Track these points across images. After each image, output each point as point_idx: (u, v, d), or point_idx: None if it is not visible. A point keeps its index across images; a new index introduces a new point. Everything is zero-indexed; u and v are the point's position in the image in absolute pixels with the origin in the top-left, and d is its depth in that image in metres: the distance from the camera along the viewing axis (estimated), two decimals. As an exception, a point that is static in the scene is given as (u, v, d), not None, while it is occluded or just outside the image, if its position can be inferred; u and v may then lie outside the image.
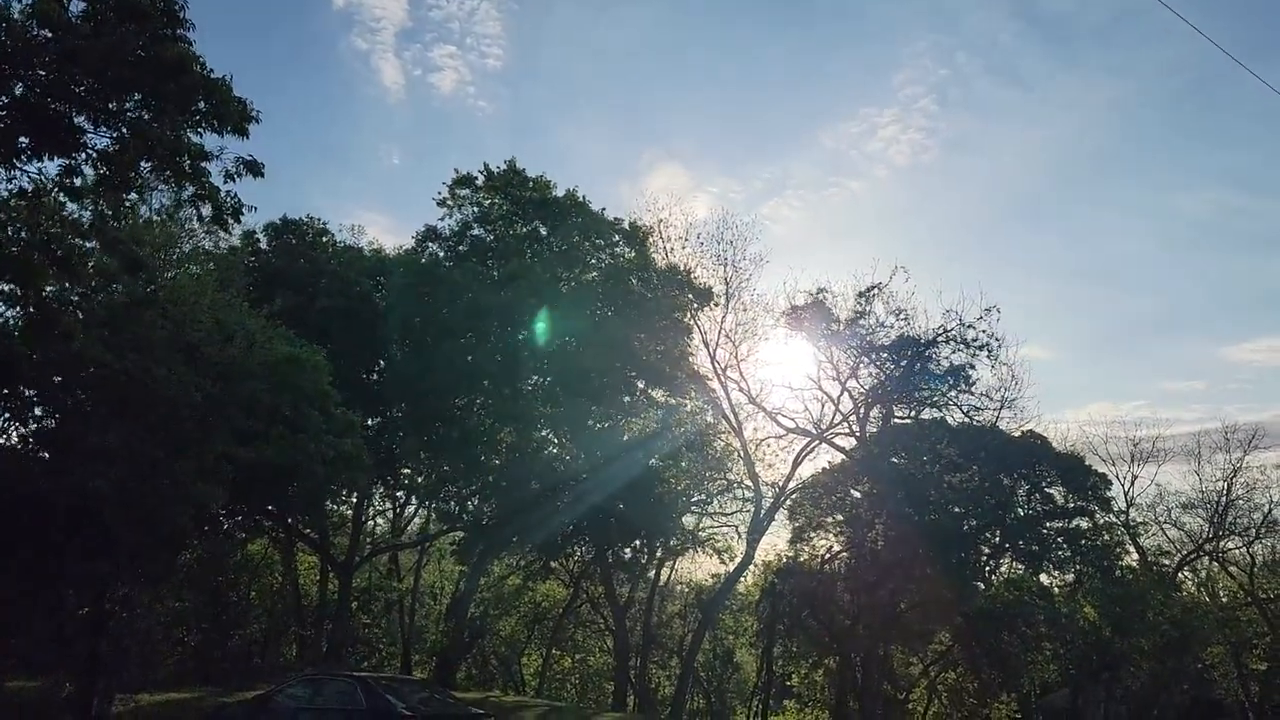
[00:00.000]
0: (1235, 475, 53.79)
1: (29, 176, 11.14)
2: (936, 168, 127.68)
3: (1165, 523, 54.95)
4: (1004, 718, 51.28)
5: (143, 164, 11.15)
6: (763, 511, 36.39)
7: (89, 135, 11.03)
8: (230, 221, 12.31)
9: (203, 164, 11.70)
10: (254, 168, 12.12)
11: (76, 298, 13.06)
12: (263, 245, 30.23)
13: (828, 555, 39.04)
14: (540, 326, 27.87)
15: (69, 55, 10.05)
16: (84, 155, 11.13)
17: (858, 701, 40.13)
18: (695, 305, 31.63)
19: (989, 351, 35.62)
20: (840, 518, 41.56)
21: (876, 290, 35.98)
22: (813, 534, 42.24)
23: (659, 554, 31.32)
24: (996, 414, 39.24)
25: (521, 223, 31.70)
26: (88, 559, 17.05)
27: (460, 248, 31.96)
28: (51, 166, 11.47)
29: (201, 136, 11.83)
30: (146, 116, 11.09)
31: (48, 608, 17.81)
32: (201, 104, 11.45)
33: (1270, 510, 53.19)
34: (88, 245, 12.02)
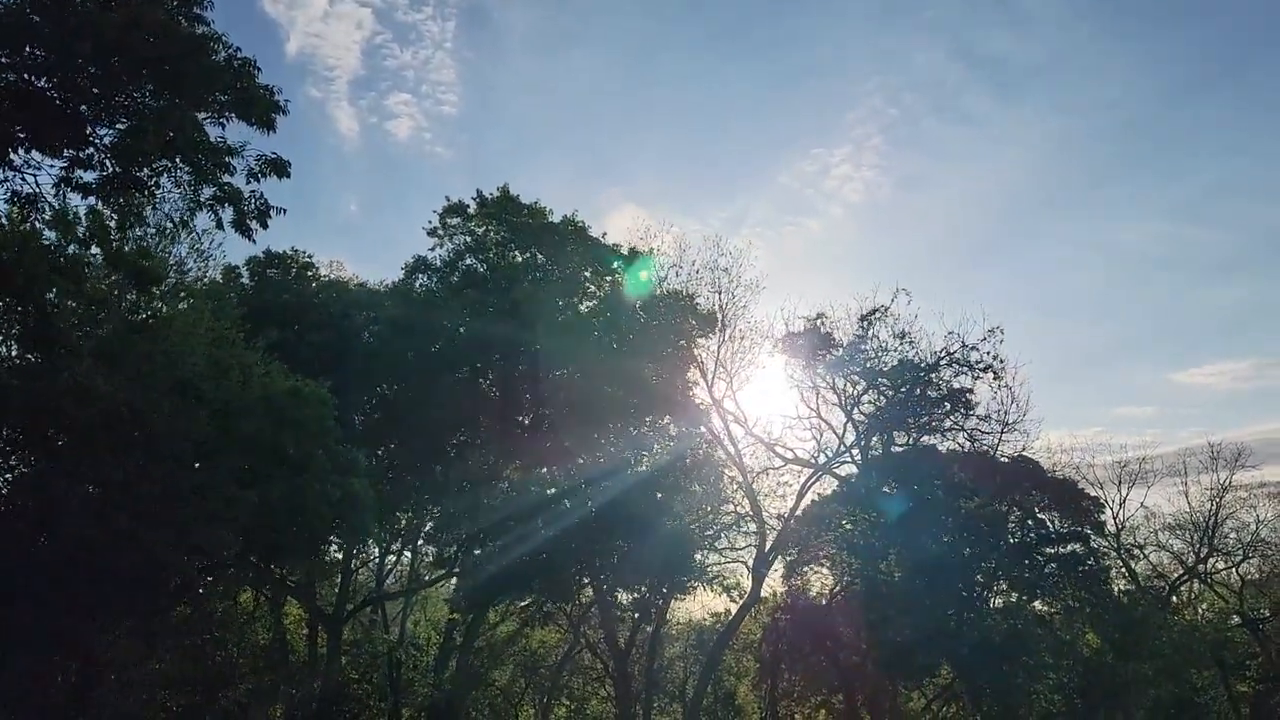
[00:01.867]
0: (1224, 495, 53.69)
1: (23, 177, 9.75)
2: (890, 205, 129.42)
3: (1153, 546, 54.69)
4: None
5: (155, 161, 9.74)
6: (768, 546, 35.17)
7: (96, 128, 9.60)
8: (255, 228, 10.93)
9: (228, 159, 10.29)
10: (279, 167, 10.82)
11: (76, 319, 11.44)
12: (245, 280, 28.63)
13: (837, 589, 37.80)
14: (543, 358, 26.57)
15: (75, 31, 8.68)
16: (90, 150, 9.71)
17: (867, 741, 38.74)
18: (698, 332, 30.56)
19: (993, 373, 34.97)
20: (833, 550, 40.39)
21: (879, 313, 35.28)
22: (806, 568, 41.01)
23: (668, 593, 29.81)
24: (999, 438, 38.60)
25: (518, 251, 30.48)
26: (78, 617, 15.31)
27: (452, 279, 30.61)
28: (51, 169, 10.14)
29: (224, 128, 10.50)
30: (160, 105, 9.70)
31: (31, 675, 15.95)
32: (221, 93, 10.09)
33: (1258, 529, 53.11)
34: (90, 254, 10.55)
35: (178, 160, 10.10)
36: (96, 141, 9.77)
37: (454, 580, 33.64)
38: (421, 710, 37.17)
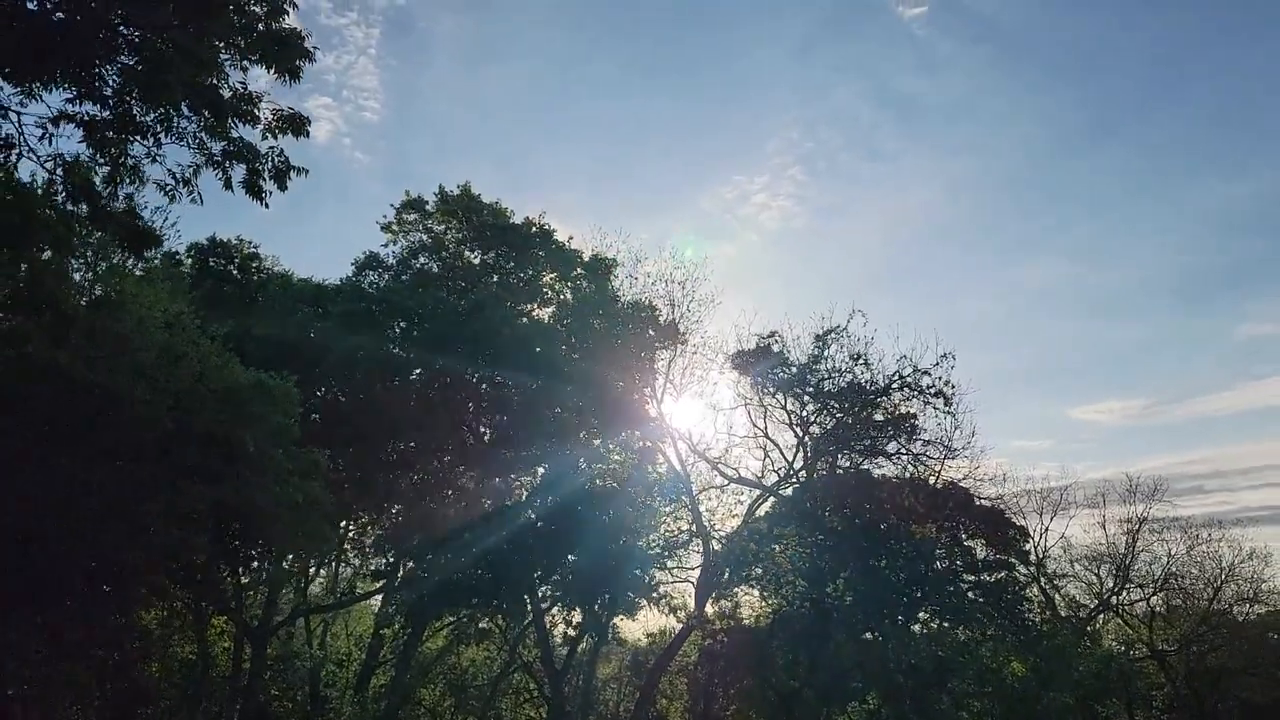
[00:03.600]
0: (1140, 527, 55.42)
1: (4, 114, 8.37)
2: (805, 233, 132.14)
3: (1068, 576, 56.13)
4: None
5: (171, 103, 8.51)
6: (712, 567, 34.61)
7: (103, 59, 8.29)
8: (268, 190, 9.73)
9: (250, 107, 9.09)
10: (297, 124, 9.65)
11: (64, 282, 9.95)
12: (185, 267, 26.78)
13: (777, 612, 37.38)
14: (503, 363, 25.47)
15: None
16: (93, 81, 8.37)
17: (802, 768, 38.29)
18: (659, 344, 29.88)
19: (944, 399, 35.17)
20: (774, 572, 40.08)
21: (835, 333, 35.16)
22: (736, 590, 40.55)
23: (619, 612, 28.87)
24: (942, 463, 38.88)
25: (478, 251, 29.35)
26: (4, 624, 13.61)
27: (403, 277, 29.32)
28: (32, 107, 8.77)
29: (246, 72, 9.30)
30: (179, 36, 8.46)
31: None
32: (246, 31, 8.86)
33: (1169, 563, 54.99)
34: (75, 209, 9.16)
35: (193, 105, 8.83)
36: (101, 73, 8.47)
37: (382, 594, 32.11)
38: (342, 730, 35.33)
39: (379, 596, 33.23)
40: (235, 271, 28.52)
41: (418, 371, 25.52)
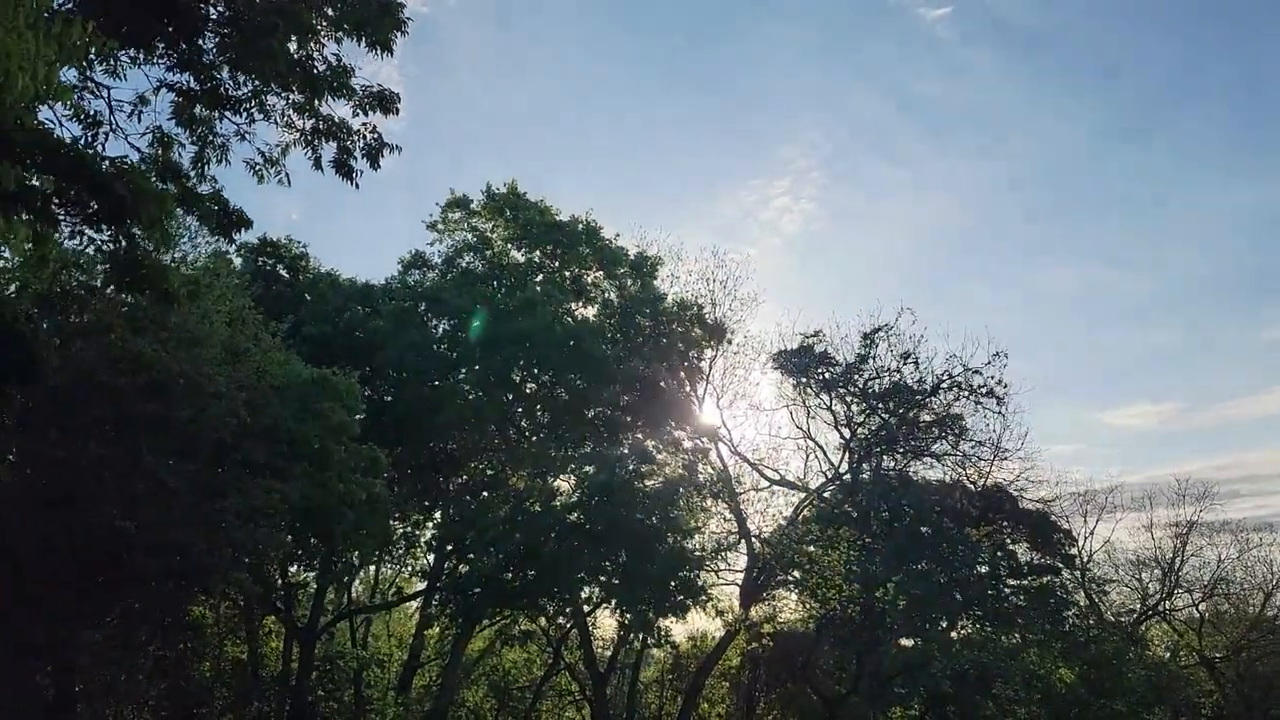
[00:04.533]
0: (1190, 531, 54.26)
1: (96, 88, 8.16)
2: (827, 237, 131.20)
3: (1114, 581, 55.07)
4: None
5: (269, 76, 8.25)
6: (756, 569, 34.28)
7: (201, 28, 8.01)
8: (359, 169, 9.47)
9: (346, 82, 8.80)
10: (386, 101, 9.37)
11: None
12: (236, 266, 26.79)
13: (823, 616, 36.81)
14: (553, 362, 25.30)
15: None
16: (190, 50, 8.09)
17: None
18: (706, 343, 29.59)
19: (996, 399, 34.61)
20: (805, 574, 39.57)
21: (883, 332, 34.72)
22: (773, 593, 40.07)
23: (668, 615, 28.48)
24: (991, 464, 38.25)
25: (524, 250, 29.19)
26: (66, 620, 13.51)
27: (448, 276, 29.21)
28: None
29: (340, 44, 8.99)
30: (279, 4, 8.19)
31: (11, 684, 14.05)
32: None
33: (1219, 567, 53.80)
34: (162, 187, 8.90)
35: (288, 77, 8.56)
36: (199, 43, 8.24)
37: (428, 595, 31.99)
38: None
39: (422, 596, 33.15)
40: (284, 271, 28.55)
41: (474, 369, 25.35)
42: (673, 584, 26.17)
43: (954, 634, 42.18)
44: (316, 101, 9.05)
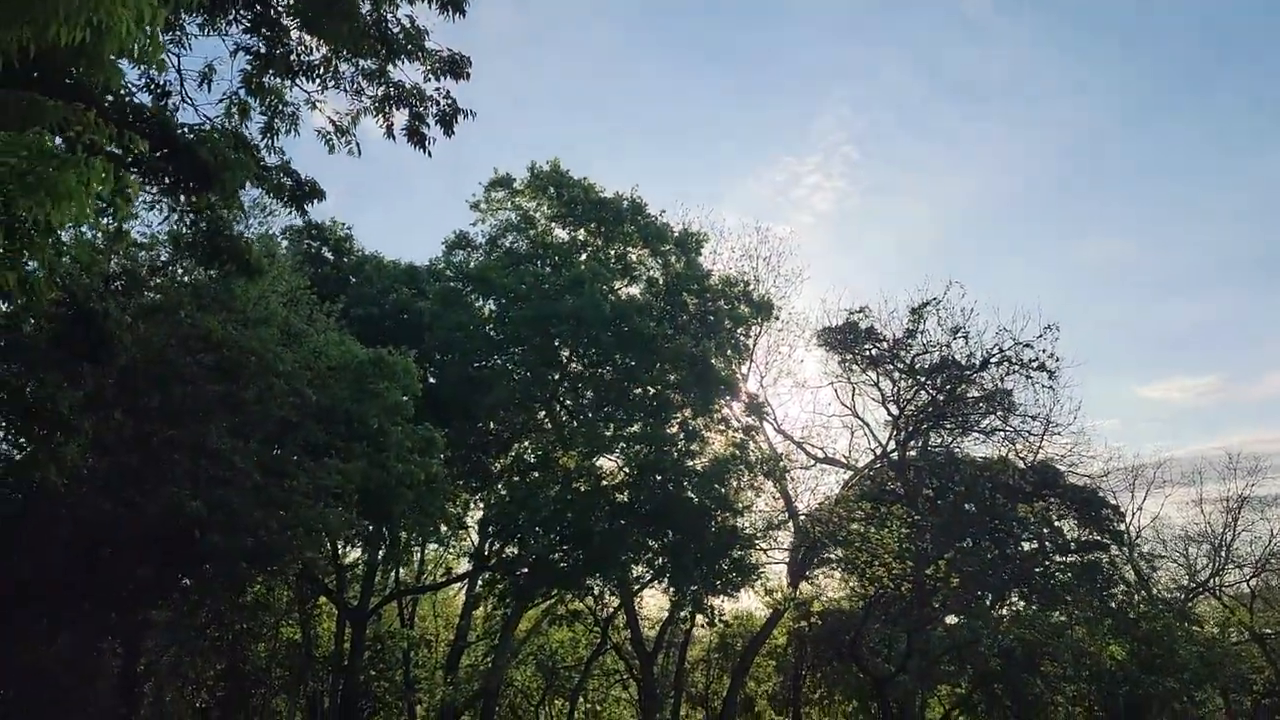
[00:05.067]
0: (1242, 506, 53.19)
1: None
2: (859, 214, 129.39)
3: (1163, 557, 54.18)
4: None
5: (319, 45, 8.00)
6: (803, 548, 34.02)
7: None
8: (432, 136, 9.18)
9: (420, 46, 8.49)
10: (457, 66, 9.05)
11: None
12: (283, 250, 26.78)
13: (869, 595, 36.48)
14: (604, 340, 25.08)
15: None
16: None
17: (895, 751, 37.44)
18: (754, 320, 29.21)
19: (1049, 373, 33.92)
20: (853, 552, 39.23)
21: (931, 306, 34.13)
22: (828, 571, 39.77)
23: (719, 593, 28.30)
24: (1041, 439, 37.54)
25: (568, 228, 28.93)
26: (131, 602, 13.54)
27: (492, 256, 29.04)
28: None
29: (414, 4, 8.68)
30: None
31: (78, 664, 14.12)
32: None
33: (1271, 541, 52.73)
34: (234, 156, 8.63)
35: (363, 41, 8.25)
36: (272, 1, 7.97)
37: (478, 575, 32.04)
38: (433, 710, 35.51)
39: (470, 577, 33.21)
40: (329, 254, 28.55)
41: (524, 349, 25.19)
42: (724, 563, 25.96)
43: (1001, 611, 41.69)
44: (390, 66, 8.77)
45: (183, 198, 7.80)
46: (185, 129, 7.82)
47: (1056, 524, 43.29)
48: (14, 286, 5.75)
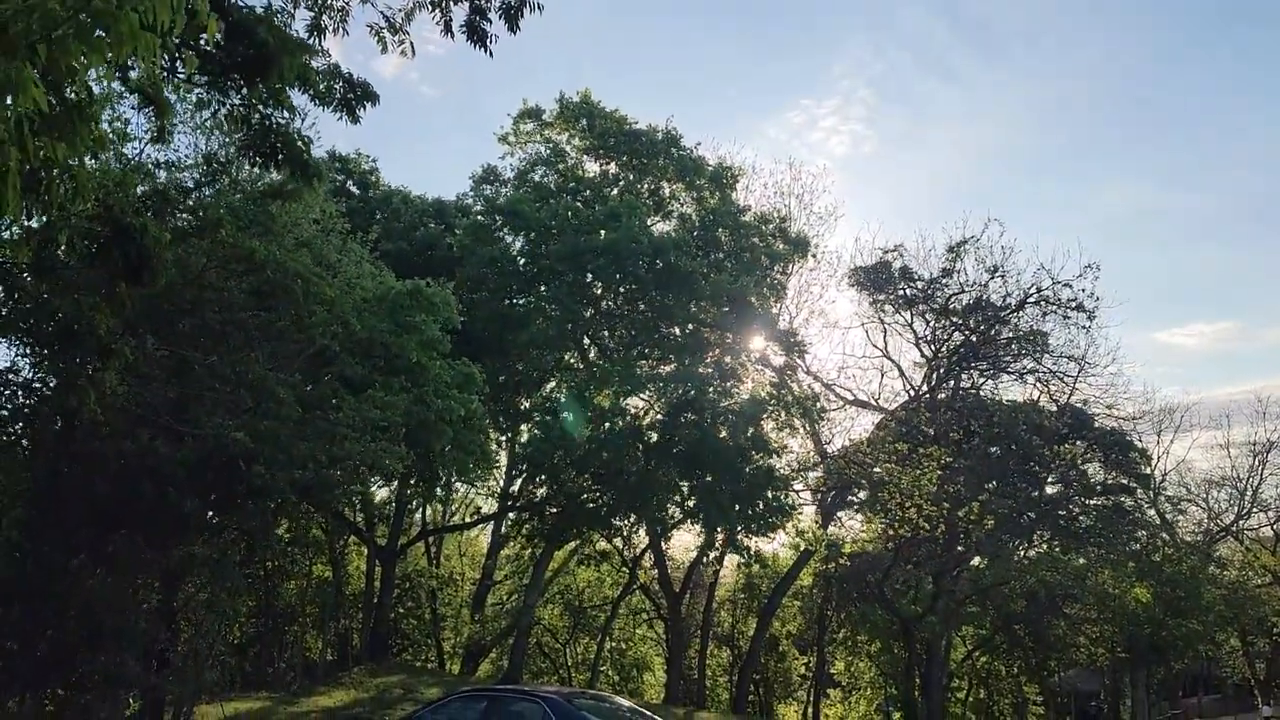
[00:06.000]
0: (1270, 450, 52.59)
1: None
2: (875, 159, 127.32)
3: (1189, 500, 53.82)
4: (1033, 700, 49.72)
5: None
6: (834, 490, 33.62)
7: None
8: (493, 36, 8.30)
9: None
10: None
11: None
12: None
13: (903, 537, 36.14)
14: (639, 277, 24.35)
15: None
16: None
17: (920, 692, 37.45)
18: (791, 257, 28.40)
19: (1088, 314, 33.09)
20: (884, 494, 38.84)
21: (969, 244, 33.21)
22: (857, 513, 39.41)
23: (754, 534, 27.95)
24: (1075, 380, 36.77)
25: (600, 161, 28.03)
26: (170, 534, 13.09)
27: (521, 191, 28.20)
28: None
29: None
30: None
31: (118, 594, 13.74)
32: None
33: (1299, 486, 52.13)
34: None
35: None
36: None
37: (509, 515, 31.81)
38: (459, 647, 35.68)
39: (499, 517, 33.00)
40: (354, 188, 27.79)
41: (558, 284, 24.49)
42: (760, 504, 25.53)
43: (1025, 554, 41.43)
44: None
45: (236, 89, 7.09)
46: (240, 4, 7.06)
47: (1081, 467, 42.78)
48: (50, 189, 5.08)
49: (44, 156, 4.82)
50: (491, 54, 8.37)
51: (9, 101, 3.74)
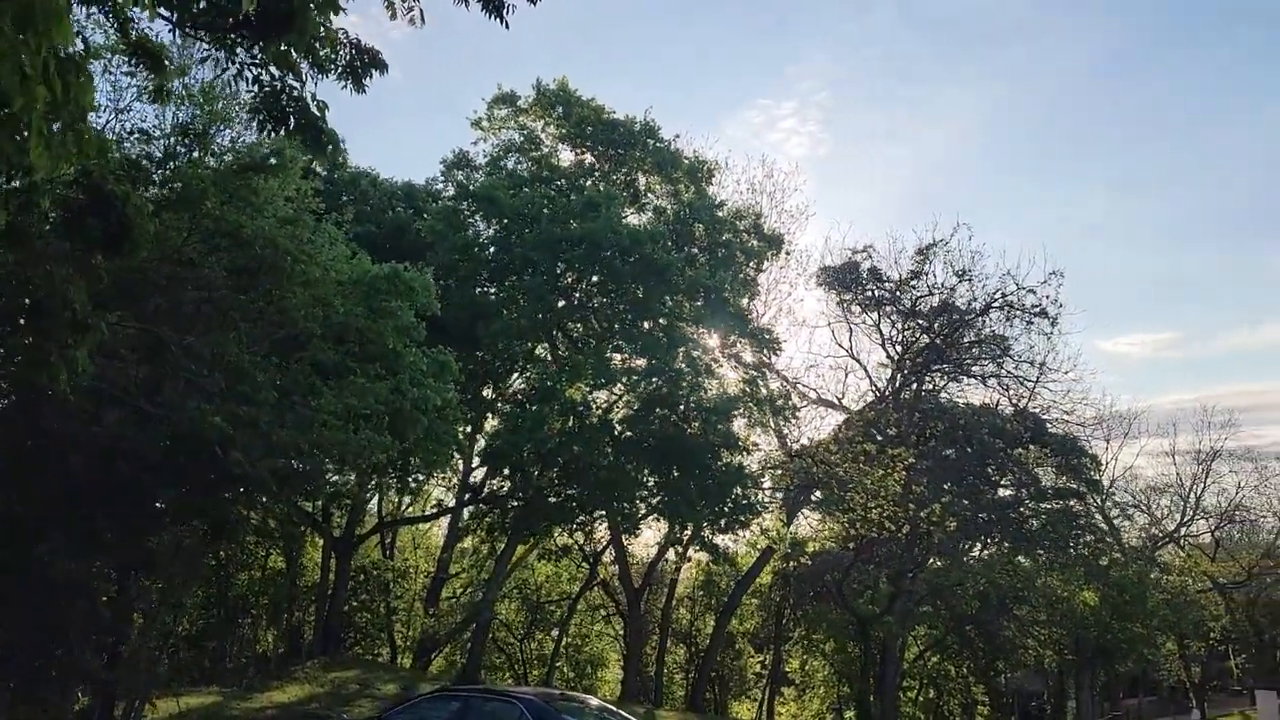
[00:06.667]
0: (1214, 458, 53.92)
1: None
2: (832, 160, 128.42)
3: (1135, 506, 55.05)
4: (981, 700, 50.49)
5: None
6: (796, 488, 33.58)
7: None
8: (512, 4, 7.85)
9: None
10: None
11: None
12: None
13: (864, 536, 36.23)
14: (615, 268, 23.95)
15: None
16: None
17: (875, 691, 37.64)
18: (765, 253, 28.22)
19: (1051, 320, 33.48)
20: (845, 493, 38.98)
21: (938, 247, 33.39)
22: (818, 512, 39.47)
23: (719, 531, 27.74)
24: (1035, 384, 37.18)
25: (575, 150, 27.57)
26: (128, 519, 12.41)
27: (493, 177, 27.61)
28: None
29: None
30: None
31: (74, 579, 13.02)
32: None
33: (1238, 493, 53.69)
34: None
35: None
36: None
37: (468, 508, 31.25)
38: (412, 641, 35.02)
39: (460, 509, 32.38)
40: (320, 168, 26.92)
41: (519, 276, 23.99)
42: (729, 501, 25.33)
43: (978, 555, 41.90)
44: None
45: (248, 48, 6.54)
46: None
47: (1034, 471, 43.37)
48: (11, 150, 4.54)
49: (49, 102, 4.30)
50: (508, 26, 7.93)
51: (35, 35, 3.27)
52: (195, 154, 11.99)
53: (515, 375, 26.44)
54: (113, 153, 10.35)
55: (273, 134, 6.28)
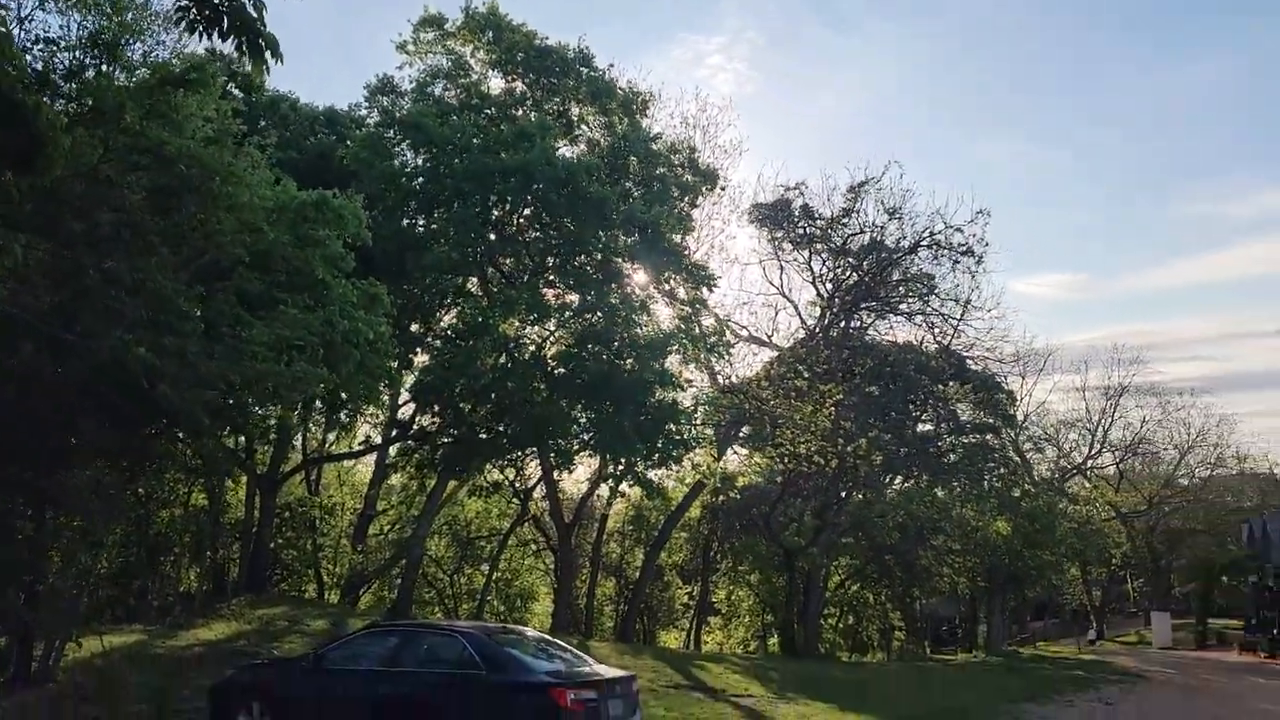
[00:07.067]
0: (1122, 394, 56.27)
1: None
2: (759, 99, 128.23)
3: (1047, 439, 57.45)
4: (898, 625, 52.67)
5: None
6: (727, 424, 33.97)
7: None
8: None
9: None
10: None
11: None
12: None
13: (791, 470, 36.91)
14: (549, 201, 23.46)
15: None
16: None
17: (798, 619, 38.81)
18: (701, 189, 28.00)
19: (976, 258, 34.19)
20: (774, 429, 39.64)
21: (869, 185, 33.64)
22: (748, 447, 40.04)
23: (652, 466, 27.84)
24: (959, 321, 38.03)
25: (506, 78, 26.73)
26: (45, 455, 11.83)
27: (419, 105, 26.64)
28: None
29: None
30: None
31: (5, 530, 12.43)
32: None
33: (1142, 428, 56.37)
34: None
35: None
36: None
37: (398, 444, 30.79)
38: (339, 578, 34.78)
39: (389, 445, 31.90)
40: (236, 90, 25.59)
41: (462, 205, 23.30)
42: (662, 436, 25.39)
43: (898, 489, 43.20)
44: None
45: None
46: None
47: (951, 406, 44.63)
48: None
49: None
50: None
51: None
52: (105, 67, 11.17)
53: (445, 310, 25.85)
54: (18, 60, 9.55)
55: (204, 36, 5.78)
